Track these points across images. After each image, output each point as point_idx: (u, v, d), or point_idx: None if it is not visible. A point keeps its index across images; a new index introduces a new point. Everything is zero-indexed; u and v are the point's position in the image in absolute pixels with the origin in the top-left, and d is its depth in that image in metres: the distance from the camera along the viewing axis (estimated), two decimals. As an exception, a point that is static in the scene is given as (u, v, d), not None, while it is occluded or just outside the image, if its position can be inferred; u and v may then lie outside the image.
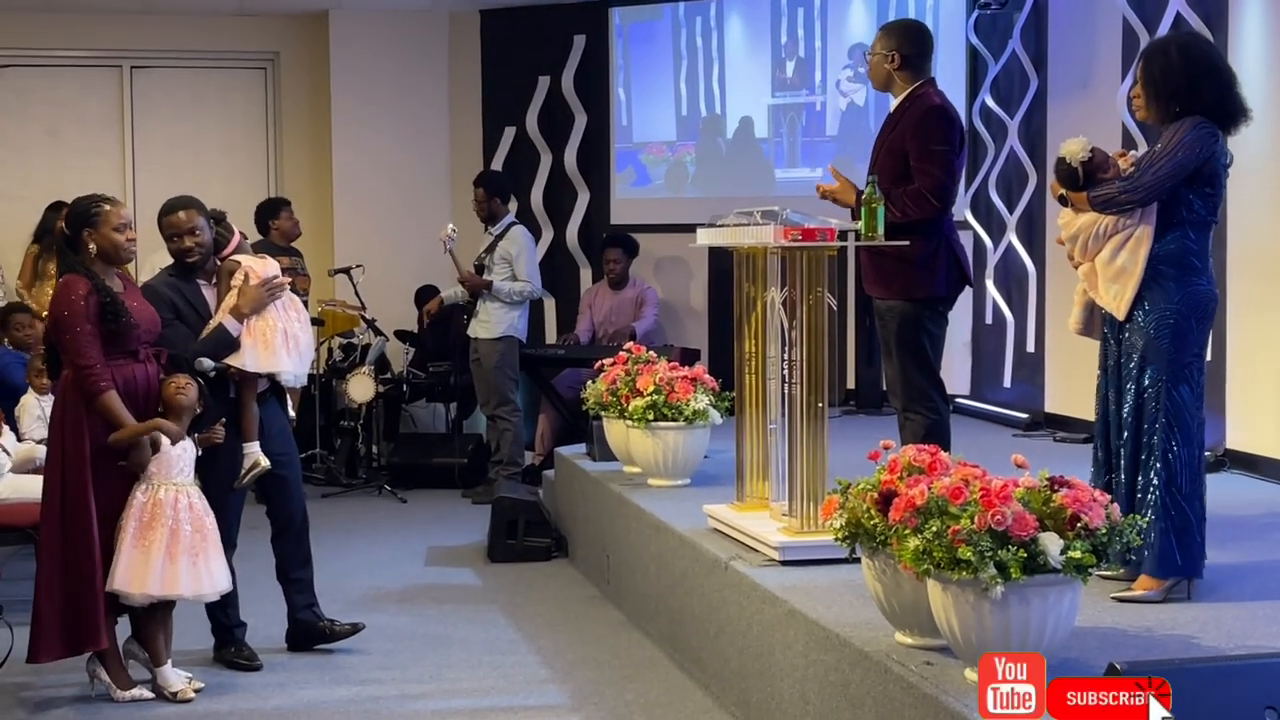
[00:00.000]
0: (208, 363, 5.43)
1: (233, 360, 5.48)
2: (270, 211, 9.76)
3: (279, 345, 5.52)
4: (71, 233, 5.22)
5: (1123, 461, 4.66)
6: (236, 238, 5.71)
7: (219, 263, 5.62)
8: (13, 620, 5.63)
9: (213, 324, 5.50)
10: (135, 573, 5.13)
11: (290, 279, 5.77)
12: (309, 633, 5.88)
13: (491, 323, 9.18)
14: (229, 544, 5.57)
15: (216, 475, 5.49)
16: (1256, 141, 4.84)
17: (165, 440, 5.20)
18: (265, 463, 5.56)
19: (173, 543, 5.16)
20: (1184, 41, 4.83)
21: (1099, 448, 4.83)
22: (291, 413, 6.02)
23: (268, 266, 5.64)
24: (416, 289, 10.83)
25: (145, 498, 5.19)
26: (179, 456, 5.24)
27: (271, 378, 5.63)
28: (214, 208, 5.72)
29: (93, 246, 5.19)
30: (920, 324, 5.60)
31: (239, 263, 5.60)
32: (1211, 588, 4.64)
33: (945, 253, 5.61)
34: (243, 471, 5.54)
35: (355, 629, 5.90)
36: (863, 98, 10.30)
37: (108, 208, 5.24)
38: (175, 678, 5.35)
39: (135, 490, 5.20)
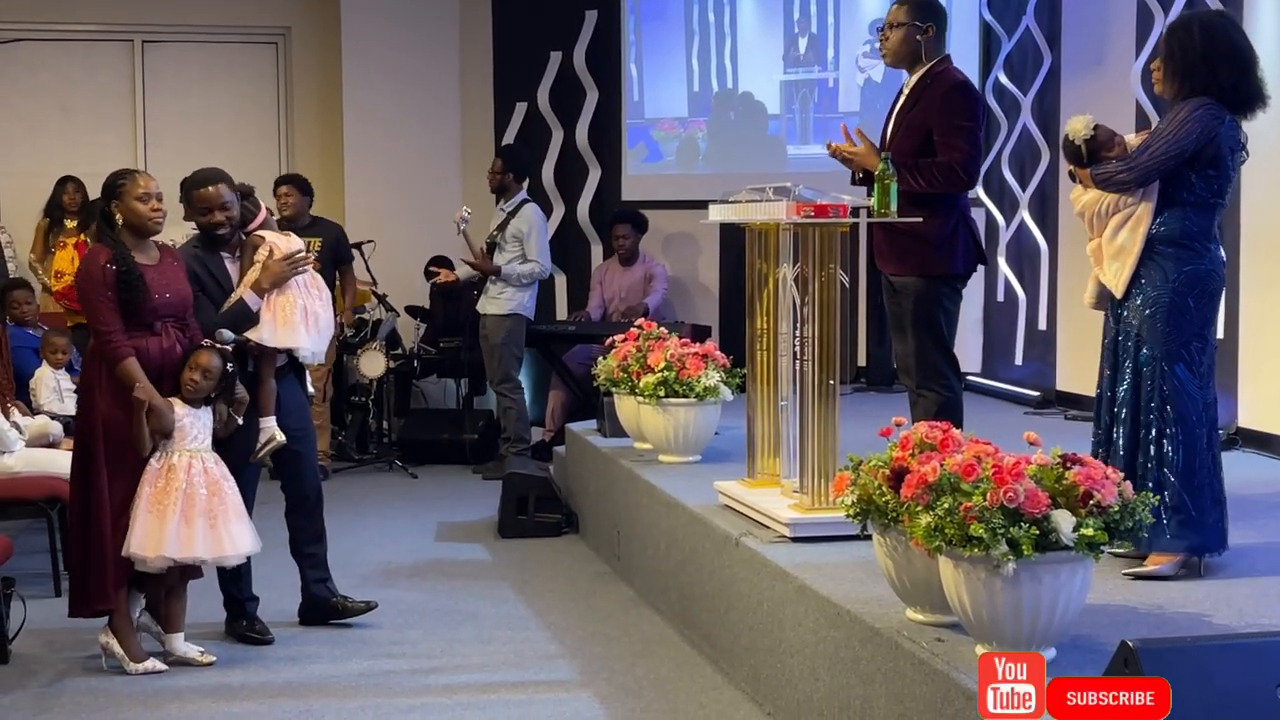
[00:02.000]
0: (227, 334, 5.45)
1: (251, 334, 5.49)
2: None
3: (298, 321, 5.54)
4: (104, 206, 5.33)
5: (1121, 440, 4.66)
6: (263, 213, 5.73)
7: (244, 237, 5.63)
8: (26, 593, 5.65)
9: (234, 298, 5.52)
10: (151, 536, 5.17)
11: (314, 256, 5.75)
12: (322, 608, 5.90)
13: (501, 299, 9.19)
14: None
15: (233, 448, 5.51)
16: (1270, 121, 4.81)
17: (178, 408, 5.23)
18: (281, 437, 5.57)
19: (188, 506, 5.20)
20: (1207, 20, 4.80)
21: (1096, 424, 4.84)
22: (312, 389, 6.01)
23: (291, 243, 5.67)
24: (429, 259, 10.80)
25: (159, 464, 5.24)
26: (191, 424, 5.27)
27: (290, 354, 5.63)
28: (241, 182, 5.74)
29: (119, 218, 5.27)
30: (938, 301, 5.59)
31: (263, 238, 5.61)
32: (1224, 565, 4.64)
33: (963, 229, 5.60)
34: (258, 445, 5.56)
35: (369, 606, 5.91)
36: (880, 74, 10.26)
37: (130, 180, 5.31)
38: (187, 649, 5.38)
39: (150, 457, 5.24)
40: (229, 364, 5.34)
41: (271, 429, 5.57)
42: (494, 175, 9.40)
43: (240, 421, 5.43)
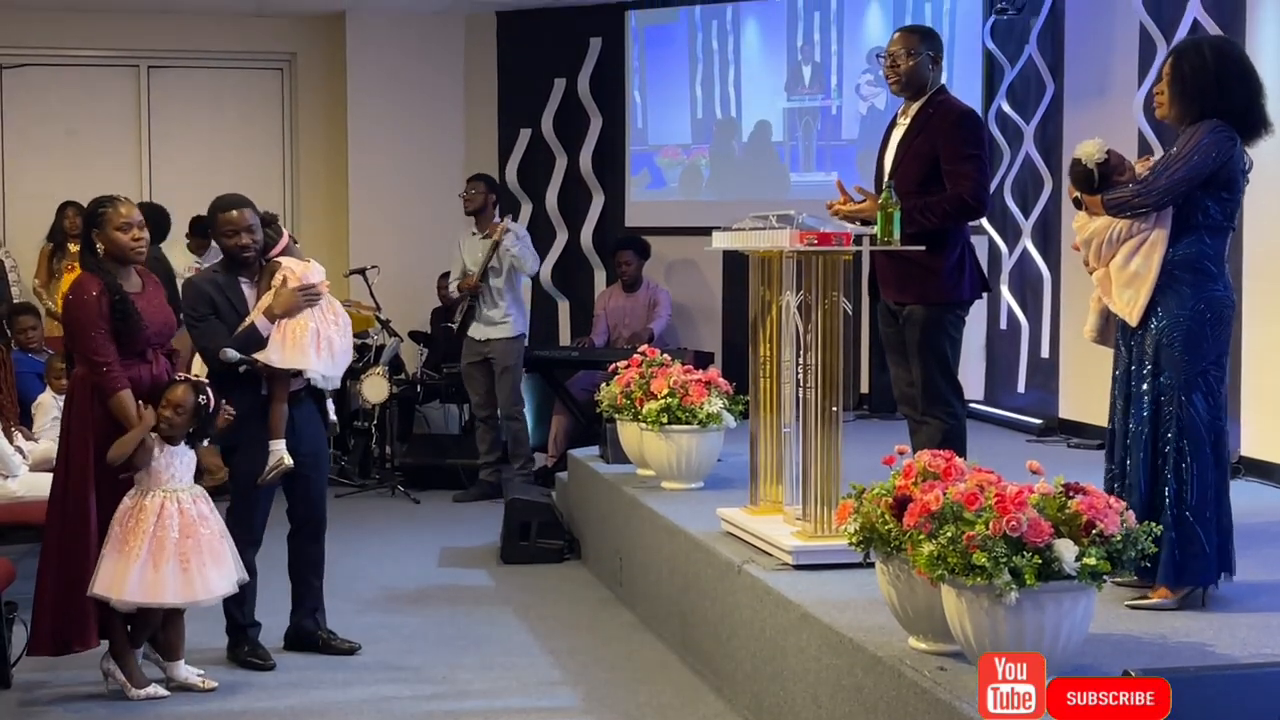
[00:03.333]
0: (233, 354, 5.47)
1: (259, 355, 5.51)
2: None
3: (308, 344, 5.54)
4: (86, 233, 5.31)
5: (1140, 471, 4.58)
6: (284, 240, 5.77)
7: (264, 263, 5.67)
8: (28, 618, 5.64)
9: (246, 322, 5.55)
10: (115, 578, 5.12)
11: (329, 285, 5.78)
12: (305, 639, 5.88)
13: (509, 322, 9.21)
14: (253, 542, 5.63)
15: (243, 470, 5.54)
16: (1272, 148, 4.82)
17: (155, 446, 5.21)
18: (289, 461, 5.57)
19: (156, 550, 5.12)
20: (1218, 43, 4.79)
21: (1109, 457, 4.80)
22: (333, 417, 6.01)
23: (309, 271, 5.68)
24: (439, 275, 10.80)
25: (131, 503, 5.20)
26: (168, 464, 5.23)
27: (303, 377, 5.63)
28: (265, 210, 5.79)
29: (100, 246, 5.25)
30: (944, 328, 5.60)
31: (281, 263, 5.65)
32: (1226, 596, 4.62)
33: (970, 258, 5.62)
34: (266, 468, 5.56)
35: (352, 649, 5.86)
36: (883, 102, 10.29)
37: (110, 209, 5.28)
38: (188, 674, 5.38)
39: (125, 495, 5.21)
40: (202, 397, 5.29)
41: (280, 452, 5.57)
42: (477, 197, 9.33)
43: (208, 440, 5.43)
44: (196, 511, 5.25)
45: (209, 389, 5.34)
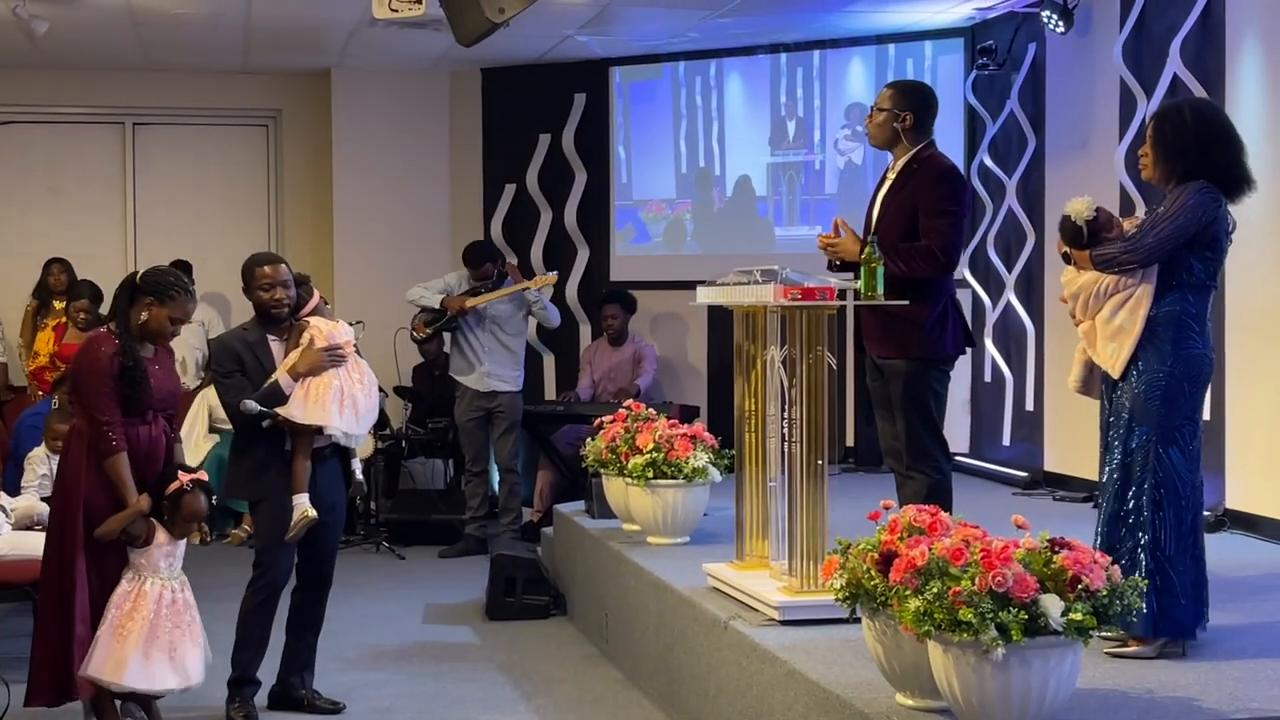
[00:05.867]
0: (254, 406, 5.51)
1: (281, 409, 5.55)
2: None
3: (330, 401, 5.58)
4: (138, 291, 5.30)
5: (1102, 517, 4.66)
6: (315, 299, 5.84)
7: (293, 321, 5.72)
8: (9, 677, 5.60)
9: (271, 379, 5.59)
10: (110, 662, 5.15)
11: (355, 344, 5.81)
12: (288, 697, 5.86)
13: (515, 376, 9.30)
14: (273, 595, 5.67)
15: (265, 526, 5.62)
16: (1256, 204, 4.86)
17: (160, 535, 5.26)
18: (313, 513, 5.60)
19: (149, 639, 5.18)
20: (1198, 105, 4.88)
21: (1098, 507, 4.84)
22: (359, 476, 6.01)
23: (336, 331, 5.73)
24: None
25: (130, 587, 5.23)
26: (167, 554, 5.29)
27: (325, 434, 5.67)
28: (298, 271, 5.87)
29: (145, 315, 5.27)
30: (927, 383, 5.61)
31: (309, 323, 5.71)
32: (1212, 648, 4.63)
33: (953, 312, 5.64)
34: (292, 523, 5.58)
35: (335, 709, 5.84)
36: (860, 156, 10.36)
37: (182, 297, 5.32)
38: None
39: (122, 577, 5.24)
40: (214, 498, 5.44)
41: (304, 505, 5.60)
42: (491, 271, 9.36)
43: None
44: (184, 600, 5.33)
45: (210, 488, 5.42)
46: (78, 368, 5.29)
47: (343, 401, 5.61)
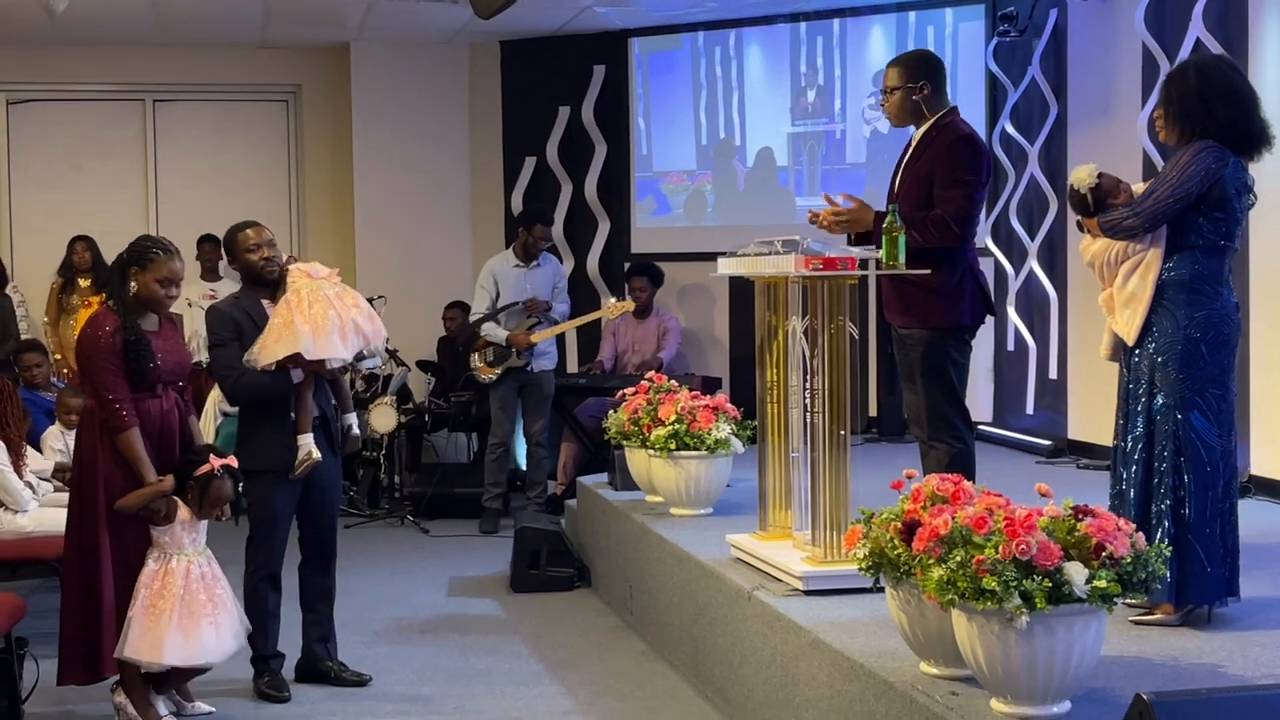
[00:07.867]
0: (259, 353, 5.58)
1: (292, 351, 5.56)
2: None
3: (332, 332, 5.60)
4: (124, 265, 5.31)
5: (1133, 490, 4.63)
6: (285, 259, 5.90)
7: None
8: (38, 653, 5.63)
9: (263, 341, 5.58)
10: (146, 641, 5.18)
11: (339, 273, 5.90)
12: (314, 669, 5.89)
13: (552, 353, 9.45)
14: (272, 572, 5.70)
15: (261, 500, 5.66)
16: (1277, 164, 4.82)
17: (183, 512, 5.28)
18: (317, 454, 5.65)
19: (185, 613, 5.21)
20: (1202, 63, 4.83)
21: (1113, 475, 4.82)
22: (355, 430, 6.01)
23: (315, 268, 5.79)
24: (446, 304, 10.87)
25: (157, 566, 5.26)
26: (190, 531, 5.33)
27: (322, 413, 5.72)
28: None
29: (134, 286, 5.27)
30: (945, 353, 5.57)
31: (289, 270, 5.76)
32: (1237, 615, 4.62)
33: (970, 282, 5.58)
34: (297, 462, 5.63)
35: (362, 681, 5.87)
36: (886, 125, 10.29)
37: (161, 256, 5.28)
38: (198, 706, 5.44)
39: (148, 557, 5.27)
40: (240, 483, 5.49)
41: (309, 445, 5.64)
42: (541, 241, 9.41)
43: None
44: (213, 573, 5.37)
45: (237, 474, 5.45)
46: (81, 348, 5.27)
47: (344, 330, 5.63)
